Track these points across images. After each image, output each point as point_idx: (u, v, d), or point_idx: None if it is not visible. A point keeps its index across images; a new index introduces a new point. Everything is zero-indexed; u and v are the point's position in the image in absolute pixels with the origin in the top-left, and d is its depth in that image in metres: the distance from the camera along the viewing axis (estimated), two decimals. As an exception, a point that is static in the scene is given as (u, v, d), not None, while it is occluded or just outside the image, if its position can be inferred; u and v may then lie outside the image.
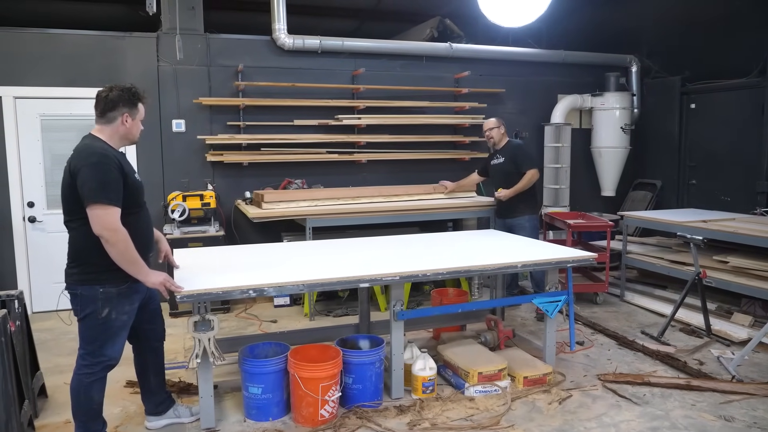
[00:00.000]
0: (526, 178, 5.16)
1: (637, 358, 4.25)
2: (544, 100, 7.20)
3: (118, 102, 2.77)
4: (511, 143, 5.43)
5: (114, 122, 2.79)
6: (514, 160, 5.25)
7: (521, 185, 5.17)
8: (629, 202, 7.62)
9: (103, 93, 2.78)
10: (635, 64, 7.47)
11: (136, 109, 2.85)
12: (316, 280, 3.10)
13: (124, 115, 2.80)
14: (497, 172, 5.45)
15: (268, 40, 6.07)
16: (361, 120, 6.21)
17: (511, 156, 5.28)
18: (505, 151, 5.36)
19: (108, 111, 2.77)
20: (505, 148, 5.37)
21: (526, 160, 5.25)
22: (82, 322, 2.74)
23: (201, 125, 5.90)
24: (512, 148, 5.34)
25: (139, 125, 2.90)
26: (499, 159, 5.39)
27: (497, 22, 5.92)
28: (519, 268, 3.59)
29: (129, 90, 2.82)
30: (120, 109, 2.78)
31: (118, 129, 2.81)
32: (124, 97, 2.79)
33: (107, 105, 2.77)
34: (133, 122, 2.84)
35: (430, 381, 3.56)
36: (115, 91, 2.78)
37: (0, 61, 5.30)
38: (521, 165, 5.21)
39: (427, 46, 6.69)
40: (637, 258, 5.74)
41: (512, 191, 5.18)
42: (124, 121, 2.80)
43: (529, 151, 5.42)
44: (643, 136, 7.55)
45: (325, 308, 5.60)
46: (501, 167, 5.37)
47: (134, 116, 2.84)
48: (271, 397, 3.30)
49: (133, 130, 2.86)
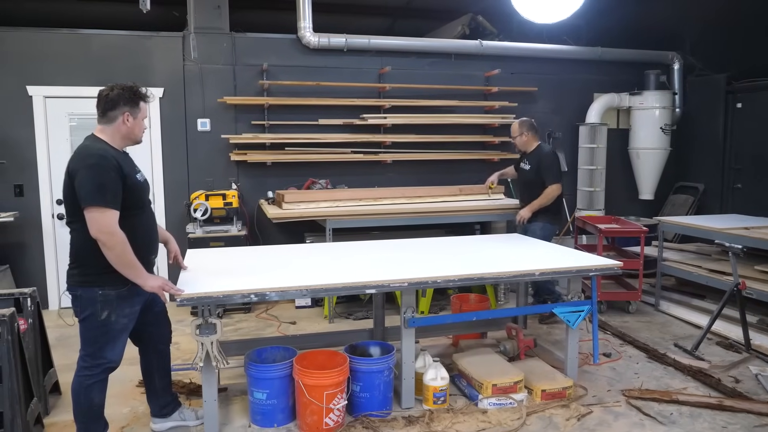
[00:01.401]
0: (545, 195, 4.91)
1: (667, 373, 4.01)
2: (578, 99, 6.94)
3: (119, 101, 2.73)
4: (539, 150, 5.08)
5: (115, 122, 2.75)
6: (539, 169, 5.00)
7: (539, 203, 4.92)
8: (669, 206, 7.27)
9: (104, 92, 2.75)
10: (677, 62, 7.12)
11: (138, 108, 2.80)
12: (320, 286, 3.00)
13: (125, 114, 2.75)
14: (522, 177, 5.25)
15: (294, 39, 6.03)
16: (387, 119, 6.11)
17: (537, 164, 5.02)
18: (532, 157, 5.08)
19: (108, 110, 2.74)
20: (533, 155, 5.08)
21: (550, 173, 4.95)
22: (82, 324, 2.72)
23: (226, 124, 5.90)
24: (539, 156, 5.04)
25: (141, 125, 2.85)
26: (525, 165, 5.14)
27: (531, 18, 5.74)
28: (537, 276, 3.41)
29: (130, 89, 2.77)
30: (121, 108, 2.74)
31: (119, 128, 2.76)
32: (125, 96, 2.74)
33: (108, 104, 2.73)
34: (134, 122, 2.79)
35: (441, 391, 3.43)
36: (116, 90, 2.74)
37: (31, 61, 5.41)
38: (544, 177, 4.96)
39: (456, 44, 6.53)
40: (674, 266, 5.45)
41: (529, 210, 4.95)
42: (125, 120, 2.76)
43: (555, 162, 5.06)
44: (685, 137, 7.20)
45: (346, 310, 5.51)
46: (526, 174, 5.14)
47: (135, 115, 2.79)
48: (276, 403, 3.23)
49: (134, 129, 2.81)
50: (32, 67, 5.42)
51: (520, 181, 5.29)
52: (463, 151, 6.51)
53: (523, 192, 5.22)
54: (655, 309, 5.52)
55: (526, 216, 4.97)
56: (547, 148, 5.14)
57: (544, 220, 5.01)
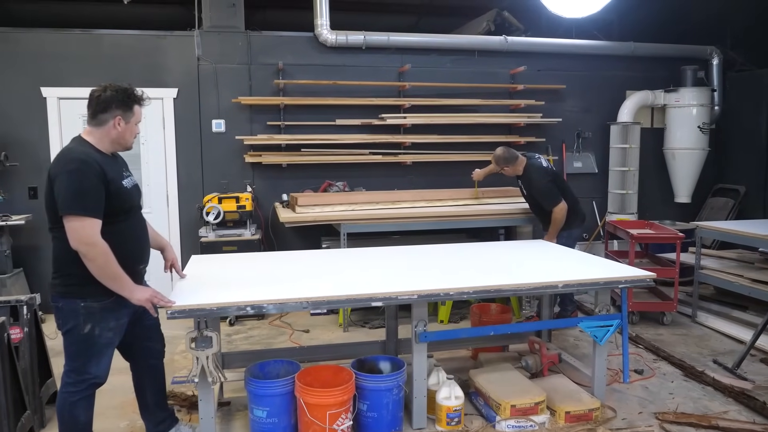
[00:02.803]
0: (554, 222, 4.59)
1: (705, 394, 3.68)
2: (610, 96, 6.60)
3: (111, 103, 2.54)
4: (528, 175, 4.72)
5: (105, 125, 2.56)
6: (534, 196, 4.76)
7: (554, 228, 4.61)
8: (707, 210, 6.87)
9: (96, 93, 2.55)
10: (716, 56, 6.72)
11: (131, 112, 2.60)
12: (321, 298, 2.78)
13: (117, 118, 2.56)
14: (528, 200, 4.98)
15: (310, 37, 5.84)
16: (407, 119, 5.87)
17: (529, 190, 4.80)
18: (524, 181, 4.79)
19: (99, 112, 2.55)
20: (525, 178, 4.77)
21: (546, 198, 4.62)
22: (65, 338, 2.55)
23: (241, 125, 5.75)
24: (529, 182, 4.74)
25: (133, 130, 2.65)
26: (523, 189, 4.92)
27: (559, 13, 5.49)
28: (560, 289, 3.13)
29: (124, 91, 2.57)
30: (112, 111, 2.55)
31: (108, 133, 2.58)
32: (118, 99, 2.55)
33: (99, 106, 2.54)
34: (126, 126, 2.59)
35: (455, 412, 3.18)
36: (109, 91, 2.54)
37: (44, 62, 5.35)
38: (542, 204, 4.68)
39: (480, 40, 6.26)
40: (713, 274, 5.08)
41: (551, 238, 4.63)
42: (116, 124, 2.57)
43: (546, 182, 4.64)
44: (725, 136, 6.80)
45: (362, 318, 5.30)
46: (527, 198, 4.93)
47: (128, 120, 2.59)
48: (277, 422, 3.03)
49: (125, 134, 2.61)
50: (46, 68, 5.36)
51: (528, 199, 4.98)
52: (486, 152, 6.18)
53: (535, 209, 4.96)
54: (692, 321, 5.16)
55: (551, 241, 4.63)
56: (534, 167, 4.72)
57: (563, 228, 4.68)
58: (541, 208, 4.77)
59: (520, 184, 4.90)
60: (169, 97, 5.61)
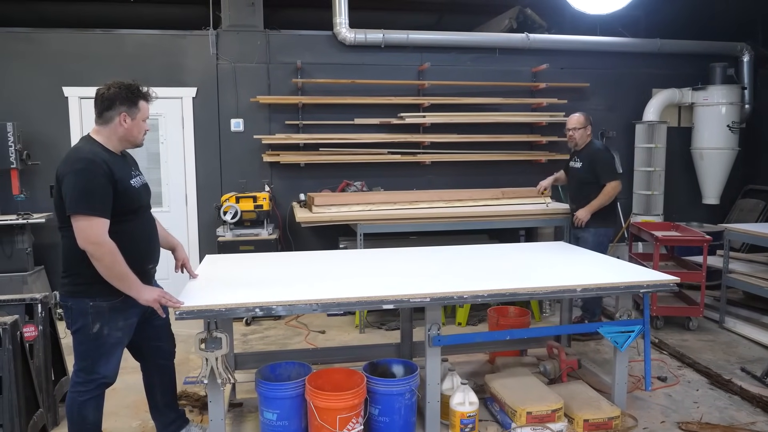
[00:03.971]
0: (605, 194, 4.51)
1: (732, 403, 3.53)
2: (635, 95, 6.44)
3: (115, 100, 2.53)
4: (591, 147, 4.69)
5: (111, 122, 2.56)
6: (593, 167, 4.59)
7: (598, 202, 4.52)
8: (737, 211, 6.65)
9: (100, 91, 2.55)
10: (747, 53, 6.51)
11: (137, 108, 2.58)
12: (331, 300, 2.73)
13: (122, 114, 2.55)
14: (573, 178, 4.84)
15: (329, 36, 5.80)
16: (426, 118, 5.80)
17: (590, 162, 4.61)
18: (584, 154, 4.68)
19: (105, 110, 2.54)
20: (585, 152, 4.68)
21: (606, 169, 4.57)
22: (74, 337, 2.55)
23: (259, 124, 5.73)
24: (591, 153, 4.64)
25: (141, 126, 2.64)
26: (576, 163, 4.75)
27: (583, 9, 5.39)
28: (578, 293, 3.03)
29: (128, 87, 2.56)
30: (117, 108, 2.54)
31: (116, 130, 2.57)
32: (122, 95, 2.53)
33: (104, 104, 2.54)
34: (132, 122, 2.58)
35: (470, 418, 3.09)
36: (113, 88, 2.53)
37: (66, 62, 5.41)
38: (600, 175, 4.55)
39: (501, 38, 6.15)
40: (741, 278, 4.90)
41: (588, 211, 4.55)
42: (122, 121, 2.56)
43: (610, 157, 4.71)
44: (756, 135, 6.58)
45: (379, 319, 5.24)
46: (577, 174, 4.74)
47: (134, 116, 2.58)
48: (287, 425, 2.98)
49: (133, 131, 2.60)
50: (68, 68, 5.42)
51: (572, 182, 4.89)
52: (507, 152, 6.13)
53: (576, 193, 4.80)
54: (719, 326, 4.98)
55: (585, 218, 4.56)
56: (599, 144, 4.84)
57: (596, 225, 4.60)
58: (585, 187, 4.63)
59: (575, 158, 4.76)
60: (189, 97, 5.62)
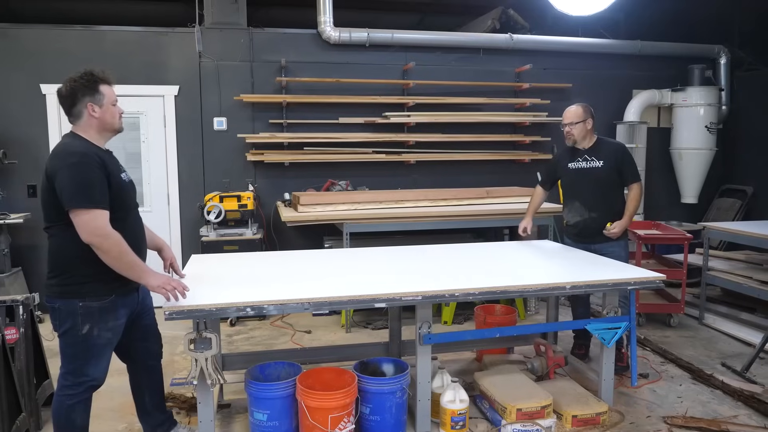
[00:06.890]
0: (636, 198, 3.87)
1: (714, 397, 3.60)
2: (616, 95, 6.52)
3: (77, 93, 2.46)
4: (609, 142, 4.05)
5: (82, 117, 2.49)
6: (619, 167, 3.88)
7: (633, 208, 3.87)
8: (714, 210, 6.78)
9: (60, 90, 2.49)
10: (724, 56, 6.64)
11: (100, 94, 2.49)
12: (322, 299, 2.71)
13: (89, 105, 2.47)
14: (583, 179, 3.96)
15: (314, 34, 5.78)
16: (411, 118, 5.80)
17: (616, 161, 3.88)
18: (600, 152, 3.92)
19: (71, 107, 2.48)
20: (600, 149, 3.94)
21: (634, 169, 3.93)
22: (62, 339, 2.48)
23: (243, 123, 5.68)
24: (615, 150, 3.94)
25: (112, 110, 2.54)
26: (590, 162, 3.93)
27: (565, 10, 5.42)
28: (567, 290, 3.06)
29: (84, 76, 2.47)
30: (82, 101, 2.47)
31: (90, 122, 2.50)
32: (81, 86, 2.46)
33: (67, 101, 2.47)
34: (102, 110, 2.50)
35: (460, 415, 3.11)
36: (70, 83, 2.46)
37: (45, 58, 5.28)
38: (628, 176, 3.89)
39: (485, 38, 6.18)
40: (720, 275, 5.00)
41: (627, 221, 3.85)
42: (91, 112, 2.48)
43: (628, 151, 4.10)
44: (732, 136, 6.71)
45: (365, 319, 5.23)
46: (593, 174, 3.91)
47: (100, 102, 2.49)
48: (277, 425, 2.96)
49: (106, 117, 2.52)
50: (46, 64, 5.29)
51: (584, 185, 3.97)
52: (491, 151, 6.16)
53: (592, 197, 3.94)
54: (699, 323, 5.08)
55: (622, 228, 3.86)
56: (617, 142, 4.25)
57: (622, 235, 3.95)
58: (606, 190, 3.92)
59: (582, 157, 3.97)
60: (171, 95, 5.54)
